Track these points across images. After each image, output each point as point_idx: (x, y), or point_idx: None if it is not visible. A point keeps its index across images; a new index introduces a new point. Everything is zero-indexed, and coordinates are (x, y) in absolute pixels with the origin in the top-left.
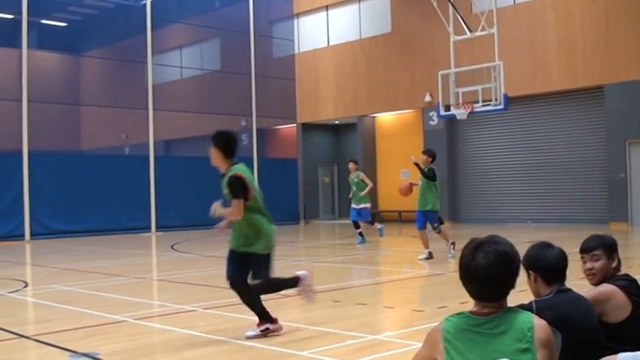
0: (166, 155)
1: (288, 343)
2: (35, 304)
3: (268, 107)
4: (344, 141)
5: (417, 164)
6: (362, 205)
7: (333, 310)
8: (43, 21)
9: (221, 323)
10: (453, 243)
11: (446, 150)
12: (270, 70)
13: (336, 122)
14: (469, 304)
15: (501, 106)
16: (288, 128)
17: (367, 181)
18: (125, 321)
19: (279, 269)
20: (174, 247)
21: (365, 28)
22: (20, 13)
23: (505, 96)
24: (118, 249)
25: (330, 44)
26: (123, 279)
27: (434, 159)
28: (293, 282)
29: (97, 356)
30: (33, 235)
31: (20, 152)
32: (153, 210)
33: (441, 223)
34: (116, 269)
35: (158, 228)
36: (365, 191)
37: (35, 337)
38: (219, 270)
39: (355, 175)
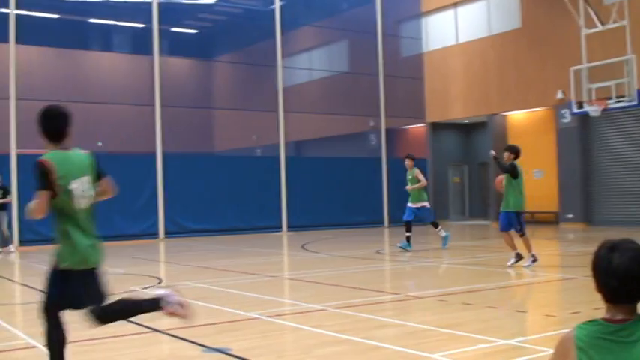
0: (296, 156)
1: (419, 344)
2: None
3: (397, 107)
4: (474, 140)
5: (495, 158)
6: (419, 204)
7: (464, 313)
8: (174, 29)
9: (351, 323)
10: (534, 257)
11: (579, 149)
12: (398, 69)
13: (466, 121)
14: (603, 310)
15: (634, 102)
16: (417, 128)
17: (421, 177)
18: (257, 318)
19: (408, 270)
20: (304, 246)
21: (494, 24)
22: (151, 22)
23: (638, 91)
24: (250, 248)
25: (459, 42)
26: (255, 277)
27: (517, 156)
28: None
29: (229, 352)
30: (167, 233)
31: (154, 154)
32: (284, 210)
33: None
34: (248, 267)
35: (289, 227)
36: (413, 187)
37: (168, 332)
38: (349, 270)
39: (410, 172)
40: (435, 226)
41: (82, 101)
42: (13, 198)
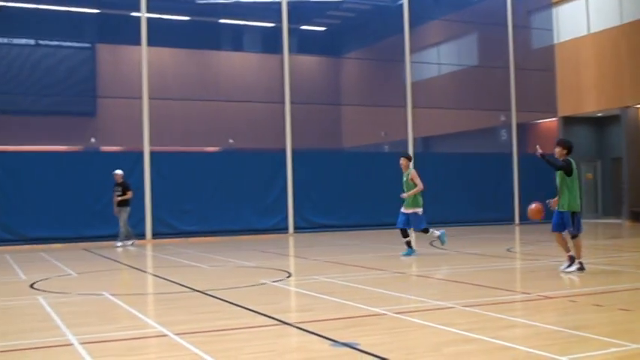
0: (425, 152)
1: (548, 346)
2: (298, 293)
3: (528, 101)
4: (607, 134)
5: (542, 155)
6: (411, 210)
7: (595, 315)
8: (303, 27)
9: (480, 322)
10: (581, 265)
11: None
12: (529, 62)
13: (599, 115)
14: None
15: None
16: (549, 122)
17: (417, 181)
18: (385, 314)
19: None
20: (432, 243)
21: (626, 12)
22: (280, 21)
23: None
24: (378, 243)
25: (591, 31)
26: (382, 273)
27: (570, 151)
28: None
29: (357, 346)
30: (296, 228)
31: (284, 151)
32: None
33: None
34: (375, 263)
35: None
36: (408, 193)
37: (297, 325)
38: (478, 268)
39: (406, 174)
40: (426, 231)
41: (213, 100)
42: (146, 194)
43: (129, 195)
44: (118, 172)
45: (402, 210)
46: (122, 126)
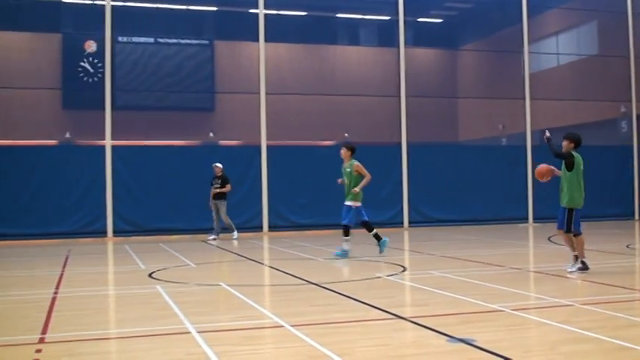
0: (543, 144)
1: None
2: (413, 287)
3: None
4: None
5: (548, 140)
6: (350, 202)
7: None
8: (420, 19)
9: (599, 320)
10: (583, 264)
11: None
12: None
13: None
14: None
15: None
16: None
17: (364, 172)
18: (502, 311)
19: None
20: (550, 239)
21: None
22: (397, 14)
23: None
24: (494, 239)
25: None
26: (499, 269)
27: (577, 144)
28: None
29: (473, 343)
30: (411, 222)
31: (399, 144)
32: (530, 200)
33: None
34: (492, 259)
35: (535, 219)
36: (361, 185)
37: (412, 319)
38: (597, 264)
39: (348, 165)
40: (369, 229)
41: (329, 94)
42: (263, 187)
43: (228, 188)
44: (218, 164)
45: (348, 203)
46: (240, 120)
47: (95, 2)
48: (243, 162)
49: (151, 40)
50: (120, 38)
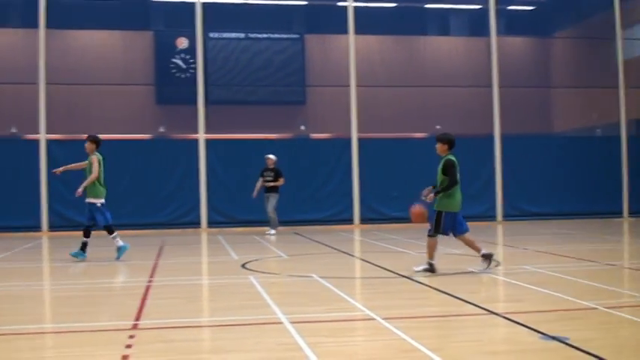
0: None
1: None
2: (506, 282)
3: None
4: None
5: (430, 197)
6: (92, 200)
7: None
8: (510, 7)
9: None
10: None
11: None
12: None
13: None
14: None
15: None
16: None
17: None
18: (595, 308)
19: None
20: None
21: None
22: (487, 3)
23: None
24: (589, 233)
25: None
26: (593, 264)
27: (451, 146)
28: None
29: (566, 341)
30: (505, 216)
31: (492, 136)
32: (625, 194)
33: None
34: (587, 254)
35: (631, 213)
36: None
37: (505, 315)
38: None
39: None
40: (110, 231)
41: (419, 85)
42: (354, 180)
43: (281, 182)
44: (271, 156)
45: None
46: (330, 113)
47: None
48: (334, 155)
49: (242, 35)
50: (211, 34)
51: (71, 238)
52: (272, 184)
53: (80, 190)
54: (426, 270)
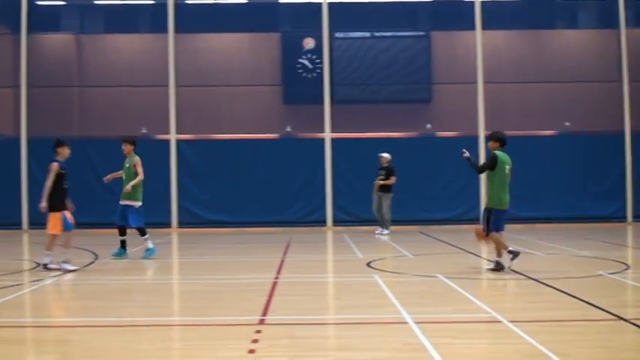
0: None
1: None
2: (636, 287)
3: None
4: None
5: (467, 158)
6: (126, 202)
7: None
8: None
9: None
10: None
11: None
12: None
13: None
14: None
15: None
16: None
17: (139, 169)
18: None
19: None
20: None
21: None
22: None
23: None
24: None
25: None
26: None
27: (503, 144)
28: None
29: None
30: (636, 217)
31: (622, 132)
32: None
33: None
34: None
35: None
36: (132, 183)
37: (634, 321)
38: None
39: (129, 160)
40: (142, 233)
41: (548, 81)
42: (482, 178)
43: (392, 180)
44: (385, 155)
45: (122, 202)
46: (457, 111)
47: (312, 0)
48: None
49: (367, 34)
50: (337, 34)
51: (199, 234)
52: (383, 182)
53: (129, 187)
54: (493, 270)
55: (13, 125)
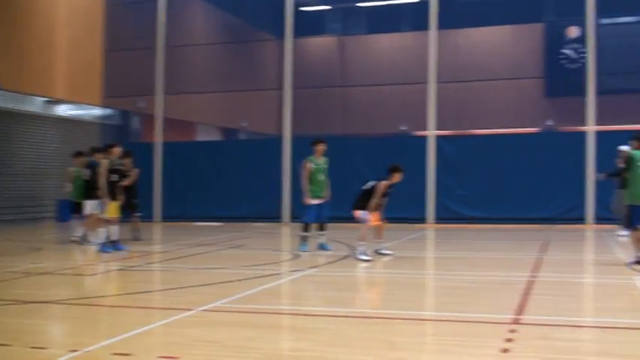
0: None
1: None
2: None
3: None
4: None
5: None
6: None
7: None
8: None
9: None
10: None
11: None
12: None
13: None
14: None
15: None
16: None
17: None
18: None
19: None
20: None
21: None
22: None
23: None
24: None
25: None
26: None
27: None
28: None
29: None
30: None
31: None
32: None
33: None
34: None
35: None
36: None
37: None
38: None
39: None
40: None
41: None
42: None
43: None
44: (623, 147)
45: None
46: None
47: None
48: None
49: (632, 19)
50: (602, 20)
51: (454, 230)
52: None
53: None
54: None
55: (276, 125)
